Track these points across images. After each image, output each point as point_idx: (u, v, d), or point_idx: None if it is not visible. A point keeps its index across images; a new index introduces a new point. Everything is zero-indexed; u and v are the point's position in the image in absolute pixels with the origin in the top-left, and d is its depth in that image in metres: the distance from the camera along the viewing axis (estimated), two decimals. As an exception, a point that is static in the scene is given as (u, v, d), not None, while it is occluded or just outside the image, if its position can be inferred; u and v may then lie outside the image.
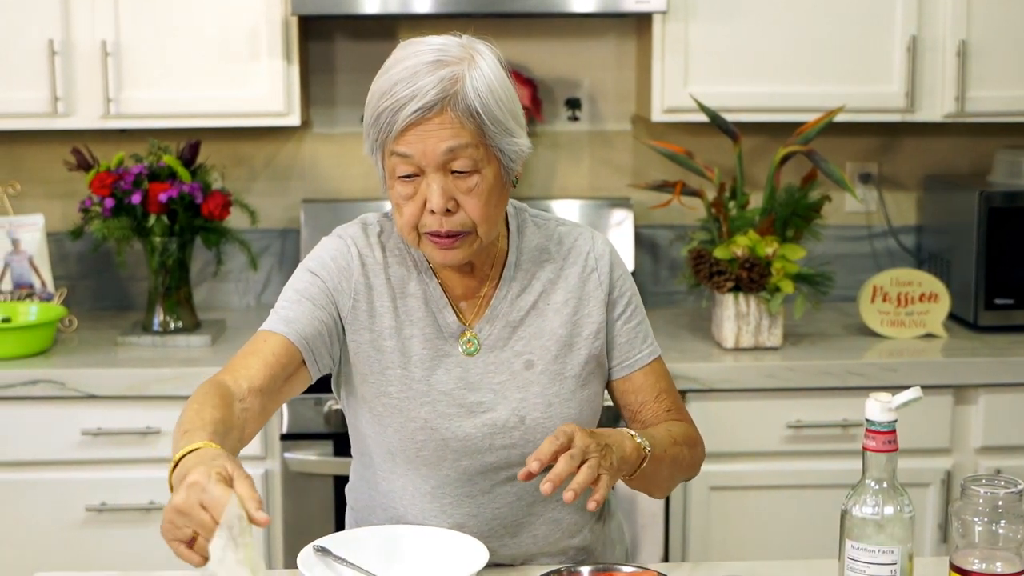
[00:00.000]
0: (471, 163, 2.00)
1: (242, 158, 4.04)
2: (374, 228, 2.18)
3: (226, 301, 4.10)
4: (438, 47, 2.00)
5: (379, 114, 1.98)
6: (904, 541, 1.83)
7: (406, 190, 2.02)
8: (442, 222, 2.01)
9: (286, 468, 3.37)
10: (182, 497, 1.64)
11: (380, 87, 1.99)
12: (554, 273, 2.17)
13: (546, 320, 2.15)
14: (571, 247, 2.19)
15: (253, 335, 2.09)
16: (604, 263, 2.19)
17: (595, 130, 4.10)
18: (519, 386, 2.12)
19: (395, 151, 1.99)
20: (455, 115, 1.97)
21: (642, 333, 2.22)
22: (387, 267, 2.14)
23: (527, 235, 2.19)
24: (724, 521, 3.48)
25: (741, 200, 3.58)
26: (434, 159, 1.98)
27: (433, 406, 2.10)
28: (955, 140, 4.13)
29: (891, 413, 1.82)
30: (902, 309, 3.70)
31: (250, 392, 1.98)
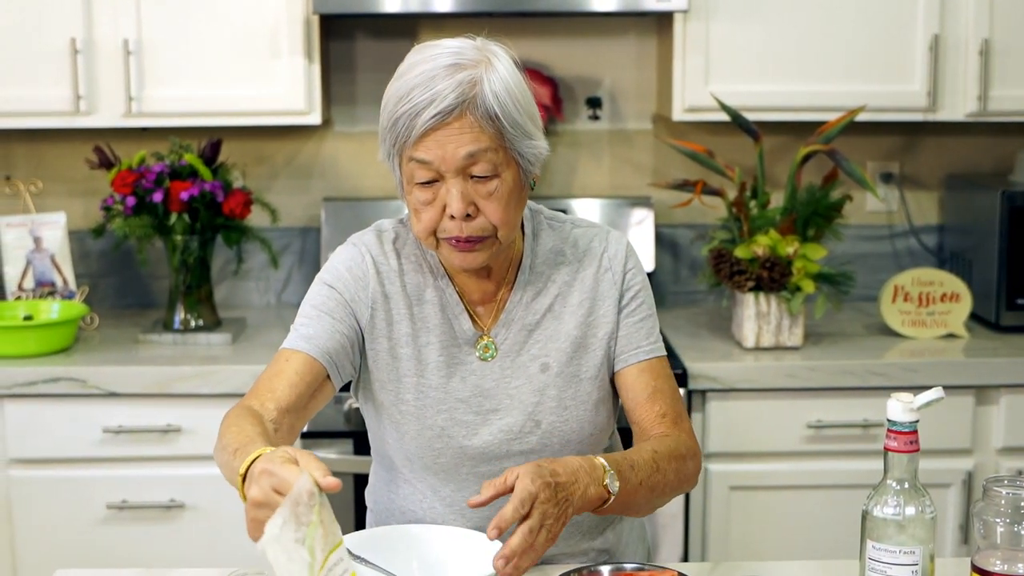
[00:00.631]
0: (491, 167, 1.97)
1: (263, 156, 4.04)
2: (389, 235, 2.16)
3: (247, 299, 4.10)
4: (454, 50, 1.97)
5: (396, 120, 1.95)
6: (925, 542, 1.82)
7: (425, 196, 1.99)
8: (462, 227, 1.99)
9: (306, 466, 3.36)
10: (256, 490, 1.65)
11: (396, 92, 1.96)
12: (570, 275, 2.16)
13: (562, 322, 2.14)
14: (586, 249, 2.18)
15: (275, 355, 2.09)
16: (618, 262, 2.17)
17: (615, 129, 4.09)
18: (535, 390, 2.11)
19: (413, 157, 1.96)
20: (474, 119, 1.94)
21: (644, 329, 2.17)
22: (403, 274, 2.13)
23: (542, 238, 2.18)
24: (744, 521, 3.47)
25: (762, 199, 3.57)
26: (453, 164, 1.96)
27: (450, 414, 2.10)
28: (977, 139, 4.11)
29: (913, 413, 1.81)
30: (923, 309, 3.69)
31: (279, 413, 1.99)
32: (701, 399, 3.42)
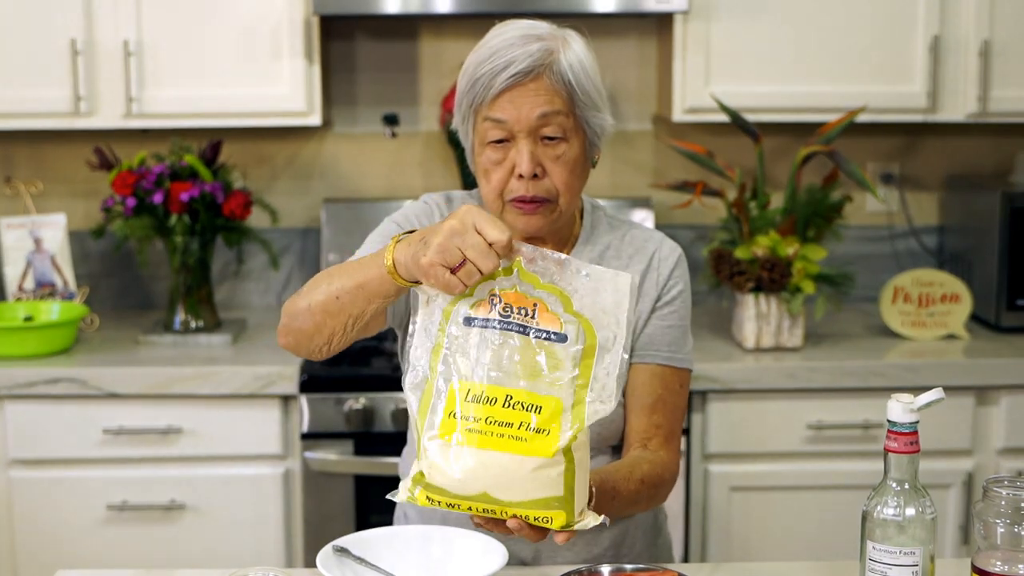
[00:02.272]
0: (560, 130, 2.05)
1: (263, 157, 4.04)
2: (458, 200, 2.24)
3: (247, 300, 4.10)
4: (532, 24, 2.09)
5: (476, 80, 2.04)
6: (926, 542, 1.82)
7: (496, 155, 2.06)
8: (528, 187, 2.05)
9: (307, 467, 3.37)
10: (456, 220, 1.76)
11: (478, 57, 2.05)
12: (619, 267, 2.19)
13: None
14: (639, 248, 2.22)
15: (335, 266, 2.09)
16: (666, 266, 2.21)
17: (616, 130, 4.06)
18: None
19: (489, 116, 2.04)
20: (550, 82, 2.04)
21: (670, 335, 2.19)
22: None
23: (600, 230, 2.23)
24: (745, 522, 3.47)
25: (762, 200, 3.57)
26: (526, 123, 2.03)
27: None
28: (977, 140, 4.11)
29: (913, 414, 1.81)
30: (923, 310, 3.69)
31: None
32: (701, 400, 3.42)
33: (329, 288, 1.97)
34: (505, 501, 1.77)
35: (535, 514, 1.77)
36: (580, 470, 1.78)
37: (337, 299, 1.96)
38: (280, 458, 3.42)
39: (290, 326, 2.04)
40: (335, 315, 1.97)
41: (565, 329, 1.77)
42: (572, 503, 1.77)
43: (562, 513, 1.77)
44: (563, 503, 1.77)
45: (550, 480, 1.76)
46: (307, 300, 1.99)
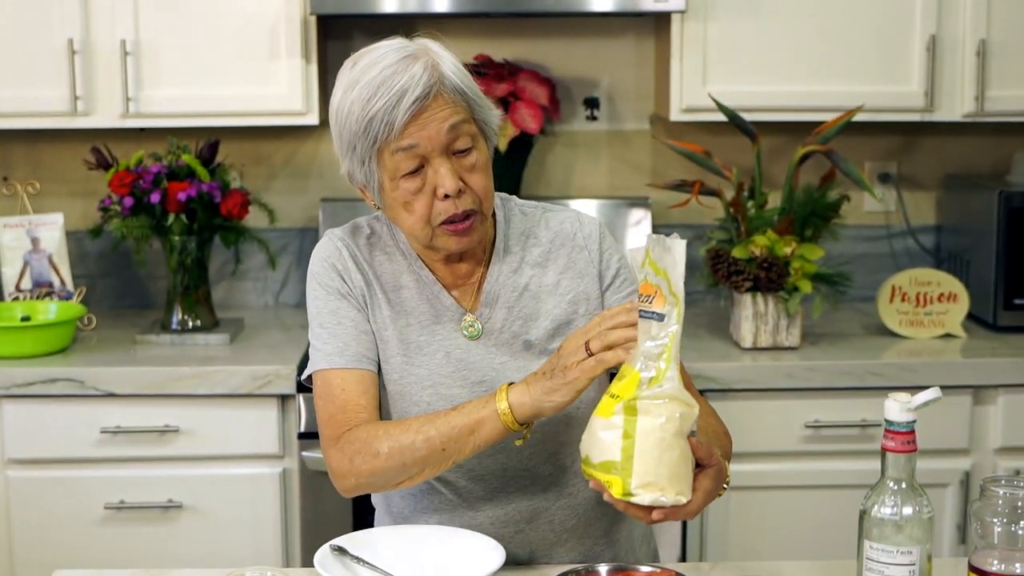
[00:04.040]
0: (469, 139, 2.05)
1: (261, 157, 4.04)
2: (364, 230, 2.22)
3: (244, 300, 4.10)
4: (396, 47, 2.05)
5: (371, 119, 2.00)
6: (923, 542, 1.82)
7: (413, 185, 2.05)
8: (456, 204, 2.05)
9: (304, 467, 3.37)
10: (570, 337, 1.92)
11: (359, 97, 2.01)
12: (542, 256, 2.20)
13: (540, 301, 2.17)
14: (558, 230, 2.22)
15: (322, 383, 2.11)
16: (593, 241, 2.21)
17: (613, 129, 4.09)
18: (520, 367, 2.14)
19: (399, 147, 2.02)
20: (446, 95, 2.02)
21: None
22: (378, 264, 2.18)
23: (514, 222, 2.23)
24: (742, 521, 3.47)
25: (759, 200, 3.57)
26: (439, 142, 2.02)
27: (435, 389, 2.13)
28: (974, 140, 4.11)
29: (910, 413, 1.81)
30: (921, 309, 3.69)
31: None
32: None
33: (428, 441, 1.98)
34: (592, 463, 1.83)
35: (603, 478, 1.81)
36: (650, 443, 1.79)
37: (443, 450, 1.98)
38: (277, 458, 3.42)
39: (372, 484, 2.05)
40: (438, 464, 2.00)
41: (666, 309, 1.81)
42: (629, 472, 1.78)
43: (618, 480, 1.79)
44: (620, 470, 1.79)
45: (609, 443, 1.80)
46: (399, 459, 1.99)
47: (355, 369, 2.10)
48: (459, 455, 1.98)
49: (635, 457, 1.79)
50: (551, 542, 2.20)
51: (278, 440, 3.40)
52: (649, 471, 1.79)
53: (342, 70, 2.08)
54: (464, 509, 2.17)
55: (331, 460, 2.06)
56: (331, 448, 2.06)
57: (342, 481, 2.05)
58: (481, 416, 1.94)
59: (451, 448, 1.97)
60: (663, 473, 1.80)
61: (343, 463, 2.03)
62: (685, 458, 1.82)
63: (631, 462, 1.79)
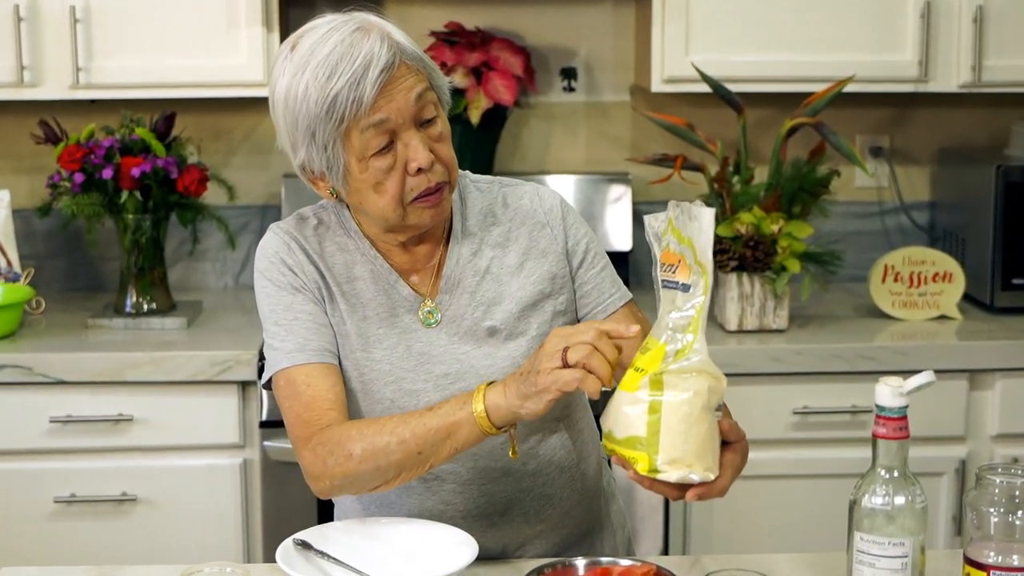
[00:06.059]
0: (433, 107, 2.07)
1: (219, 131, 4.02)
2: (311, 221, 2.20)
3: (203, 282, 4.09)
4: (342, 22, 2.04)
5: (333, 99, 1.98)
6: (916, 533, 1.83)
7: (384, 162, 2.03)
8: (429, 178, 2.05)
9: (266, 457, 3.36)
10: (552, 337, 1.88)
11: (315, 78, 1.99)
12: (502, 236, 2.19)
13: (502, 284, 2.17)
14: (517, 207, 2.22)
15: (286, 382, 2.10)
16: (555, 216, 2.21)
17: (591, 101, 4.09)
18: (486, 353, 2.14)
19: (370, 123, 2.00)
20: (408, 64, 2.03)
21: (608, 278, 2.23)
22: (330, 255, 2.16)
23: (471, 200, 2.22)
24: (727, 512, 3.48)
25: (745, 175, 3.57)
26: (408, 113, 2.02)
27: (398, 384, 2.12)
28: (971, 111, 4.12)
29: (902, 398, 1.82)
30: (914, 289, 3.70)
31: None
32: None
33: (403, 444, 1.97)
34: (615, 438, 1.84)
35: (628, 454, 1.83)
36: (676, 417, 1.80)
37: (419, 454, 1.97)
38: (238, 448, 3.42)
39: (347, 486, 2.04)
40: (414, 467, 1.98)
41: (691, 279, 1.82)
42: (656, 447, 1.80)
43: (645, 457, 1.81)
44: (646, 446, 1.81)
45: (634, 418, 1.82)
46: (373, 462, 1.98)
47: (319, 364, 2.09)
48: (436, 459, 1.97)
49: (661, 432, 1.80)
50: (526, 535, 2.21)
51: (238, 429, 3.39)
52: (676, 447, 1.81)
53: (279, 57, 2.06)
54: (434, 501, 2.17)
55: (304, 461, 2.05)
56: (303, 449, 2.05)
57: (317, 483, 2.05)
58: (457, 419, 1.93)
59: (427, 452, 1.96)
60: (690, 449, 1.81)
61: (316, 465, 2.02)
62: (712, 433, 1.84)
63: (657, 437, 1.80)
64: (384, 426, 1.98)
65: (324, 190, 2.12)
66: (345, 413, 2.07)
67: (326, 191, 2.12)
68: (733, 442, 1.91)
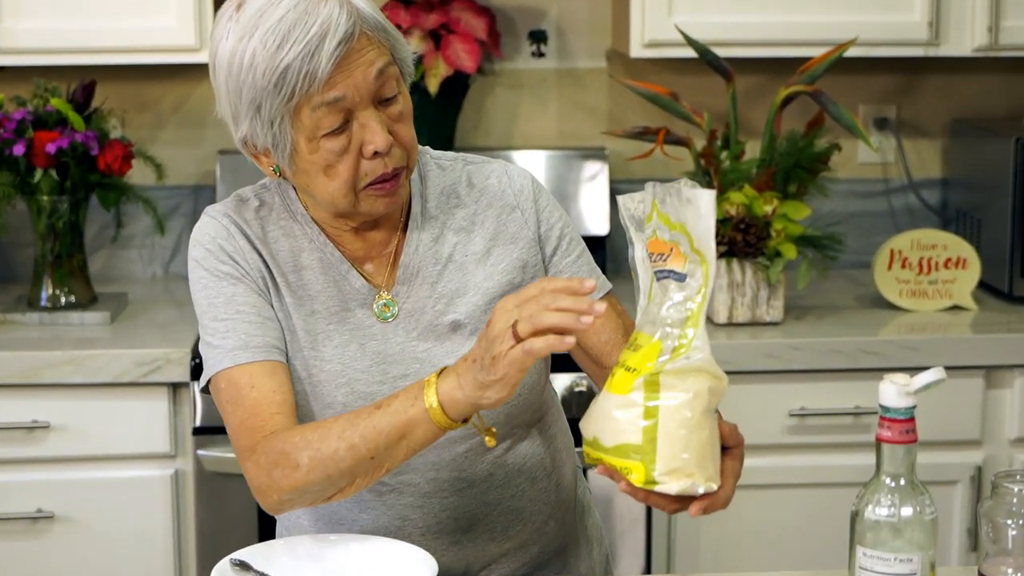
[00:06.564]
0: (395, 84, 2.05)
1: (146, 102, 4.01)
2: (251, 203, 2.19)
3: (128, 271, 4.08)
4: None
5: (284, 71, 1.96)
6: (925, 547, 1.84)
7: (337, 144, 2.02)
8: (386, 163, 2.03)
9: (200, 467, 3.36)
10: (501, 305, 1.85)
11: (264, 45, 1.97)
12: (467, 220, 2.19)
13: (467, 274, 2.16)
14: (483, 187, 2.21)
15: (227, 384, 2.09)
16: (525, 198, 2.21)
17: (564, 68, 4.09)
18: (448, 352, 2.13)
19: (323, 101, 1.99)
20: (369, 35, 2.01)
21: (586, 265, 2.23)
22: (274, 241, 2.16)
23: (431, 180, 2.21)
24: (715, 525, 3.49)
25: (735, 150, 3.58)
26: (367, 91, 2.00)
27: (351, 387, 2.12)
28: (987, 78, 4.14)
29: (909, 398, 1.82)
30: (924, 277, 3.71)
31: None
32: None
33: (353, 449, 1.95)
34: (603, 446, 1.84)
35: (619, 464, 1.82)
36: (675, 423, 1.80)
37: (372, 459, 1.95)
38: (169, 457, 3.41)
39: (298, 499, 2.02)
40: (369, 473, 1.97)
41: (687, 268, 1.82)
42: (653, 456, 1.80)
43: (640, 467, 1.80)
44: (642, 454, 1.80)
45: (627, 424, 1.81)
46: (322, 471, 1.96)
47: (264, 362, 2.08)
48: (393, 462, 1.96)
49: (659, 439, 1.80)
50: (492, 553, 2.21)
51: (169, 437, 3.39)
52: (676, 455, 1.81)
53: (222, 16, 2.04)
54: (390, 516, 2.17)
55: (249, 475, 2.04)
56: (247, 461, 2.04)
57: (265, 498, 2.04)
58: (410, 416, 1.91)
59: (381, 456, 1.95)
60: (692, 457, 1.81)
61: (262, 478, 2.01)
62: (713, 439, 1.85)
63: (654, 445, 1.80)
64: (331, 430, 1.97)
65: (267, 167, 2.11)
66: (294, 417, 2.06)
67: (269, 168, 2.11)
68: (732, 447, 1.91)
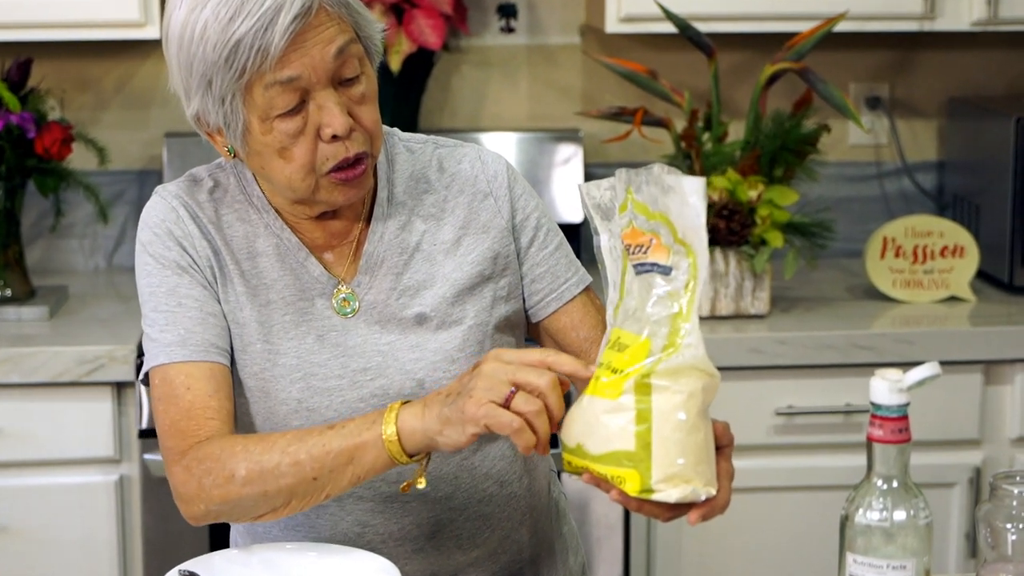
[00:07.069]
0: (357, 64, 2.04)
1: (87, 81, 4.00)
2: (205, 184, 2.20)
3: (68, 263, 4.07)
4: None
5: (235, 46, 1.96)
6: (919, 554, 1.84)
7: (291, 126, 2.02)
8: (347, 147, 2.03)
9: (146, 472, 3.35)
10: (491, 360, 1.85)
11: (216, 16, 1.97)
12: (437, 207, 2.19)
13: (435, 264, 2.17)
14: (455, 172, 2.22)
15: (162, 382, 2.09)
16: (499, 184, 2.22)
17: (535, 44, 4.09)
18: (413, 344, 2.14)
19: (276, 80, 1.99)
20: (329, 9, 2.01)
21: (564, 258, 2.24)
22: (228, 226, 2.16)
23: (399, 163, 2.22)
24: (698, 531, 3.50)
25: (717, 131, 3.59)
26: (324, 70, 2.00)
27: (307, 381, 2.12)
28: (986, 54, 4.15)
29: (902, 395, 1.82)
30: (919, 266, 3.72)
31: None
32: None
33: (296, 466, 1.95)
34: (590, 454, 1.83)
35: (610, 473, 1.82)
36: (670, 426, 1.80)
37: (315, 479, 1.95)
38: (113, 462, 3.41)
39: (227, 513, 2.03)
40: (309, 495, 1.98)
41: (671, 260, 1.82)
42: (648, 463, 1.79)
43: (635, 475, 1.80)
44: (636, 461, 1.80)
45: (618, 429, 1.80)
46: (259, 485, 1.97)
47: (202, 362, 2.08)
48: (335, 487, 1.96)
49: (653, 445, 1.80)
50: (459, 562, 2.21)
51: (113, 440, 3.39)
52: (672, 461, 1.80)
53: None
54: (349, 522, 2.17)
55: (175, 480, 2.04)
56: (175, 465, 2.04)
57: (189, 506, 2.04)
58: (363, 440, 1.91)
59: (324, 478, 1.95)
60: (688, 462, 1.81)
61: (190, 485, 2.01)
62: (709, 442, 1.84)
63: (649, 451, 1.79)
64: (276, 443, 1.97)
65: (222, 147, 2.11)
66: (231, 425, 2.06)
67: (224, 148, 2.11)
68: (724, 447, 1.91)
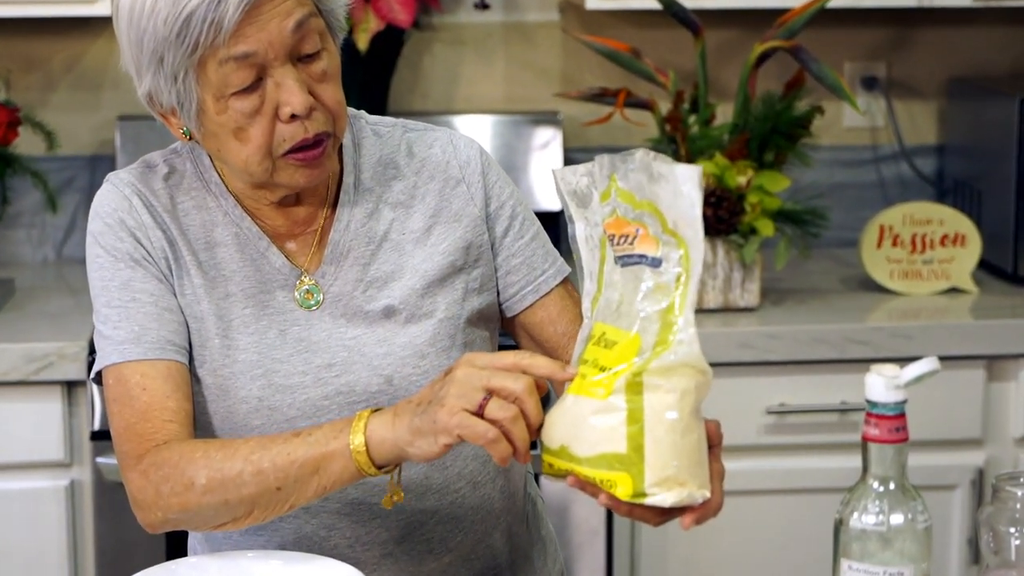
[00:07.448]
0: (318, 39, 2.03)
1: (33, 60, 4.00)
2: (160, 170, 2.19)
3: (14, 254, 4.06)
4: None
5: (187, 19, 1.95)
6: (918, 559, 1.84)
7: (248, 105, 2.02)
8: (306, 127, 2.02)
9: (99, 477, 3.35)
10: (464, 366, 1.85)
11: None
12: (406, 193, 2.19)
13: (404, 254, 2.17)
14: (425, 157, 2.22)
15: (115, 381, 2.09)
16: (472, 171, 2.22)
17: (511, 22, 4.09)
18: (380, 339, 2.14)
19: (230, 55, 1.98)
20: None
21: (541, 248, 2.24)
22: (184, 215, 2.16)
23: (366, 148, 2.22)
24: (685, 537, 3.49)
25: (704, 114, 3.59)
26: (282, 46, 1.99)
27: (268, 379, 2.12)
28: (988, 31, 4.16)
29: (899, 391, 1.82)
30: (918, 256, 3.73)
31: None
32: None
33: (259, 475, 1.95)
34: (577, 457, 1.83)
35: (599, 476, 1.81)
36: (664, 427, 1.79)
37: (278, 490, 1.95)
38: (63, 466, 3.41)
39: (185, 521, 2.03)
40: (272, 506, 1.98)
41: (661, 252, 1.81)
42: (640, 466, 1.79)
43: (626, 478, 1.79)
44: (627, 464, 1.79)
45: (607, 431, 1.80)
46: (220, 494, 1.97)
47: (159, 361, 2.08)
48: (299, 498, 1.96)
49: (646, 447, 1.79)
50: (430, 568, 2.21)
51: (63, 442, 3.38)
52: (667, 463, 1.80)
53: None
54: (314, 526, 2.17)
55: (131, 485, 2.04)
56: (131, 471, 2.04)
57: (146, 514, 2.04)
58: (329, 450, 1.91)
59: (288, 488, 1.95)
60: (683, 464, 1.81)
61: (147, 491, 2.01)
62: (702, 442, 1.84)
63: (641, 453, 1.79)
64: (238, 450, 1.97)
65: (176, 129, 2.11)
66: (190, 427, 2.06)
67: (179, 130, 2.11)
68: (713, 446, 1.91)
